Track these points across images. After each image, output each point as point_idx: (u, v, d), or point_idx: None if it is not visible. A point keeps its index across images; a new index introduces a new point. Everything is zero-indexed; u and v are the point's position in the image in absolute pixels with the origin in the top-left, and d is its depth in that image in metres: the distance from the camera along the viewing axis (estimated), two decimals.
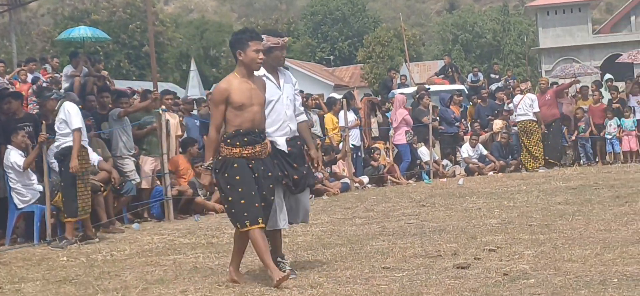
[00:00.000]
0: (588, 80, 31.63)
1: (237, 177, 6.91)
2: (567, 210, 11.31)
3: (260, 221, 6.90)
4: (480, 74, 31.79)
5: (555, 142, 21.49)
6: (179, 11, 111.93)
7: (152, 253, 9.51)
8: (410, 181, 19.21)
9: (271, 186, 7.11)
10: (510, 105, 22.16)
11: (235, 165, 6.94)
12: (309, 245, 9.40)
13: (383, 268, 7.37)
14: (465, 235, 9.40)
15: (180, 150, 15.43)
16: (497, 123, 22.31)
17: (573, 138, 22.45)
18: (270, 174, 7.09)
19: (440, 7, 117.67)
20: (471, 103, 24.80)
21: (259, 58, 7.05)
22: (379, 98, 23.03)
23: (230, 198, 6.95)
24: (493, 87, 27.65)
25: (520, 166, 21.11)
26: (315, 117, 20.00)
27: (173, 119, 15.29)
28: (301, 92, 21.12)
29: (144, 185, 14.08)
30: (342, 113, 19.57)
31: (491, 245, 8.43)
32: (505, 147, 21.75)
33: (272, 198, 7.14)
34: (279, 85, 7.52)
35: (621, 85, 27.09)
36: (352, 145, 19.55)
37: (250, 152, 6.99)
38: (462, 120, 23.16)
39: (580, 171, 19.64)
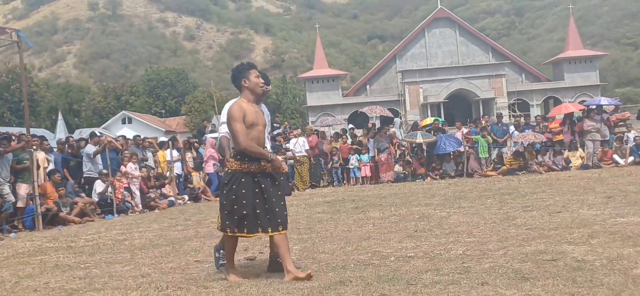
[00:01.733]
0: (338, 128, 32.58)
1: (244, 191, 5.80)
2: (323, 217, 11.48)
3: (245, 231, 5.83)
4: None
5: (316, 170, 22.02)
6: (49, 76, 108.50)
7: (24, 255, 8.93)
8: (218, 199, 19.03)
9: (279, 193, 5.99)
10: (288, 145, 22.47)
11: (243, 180, 5.83)
12: (143, 246, 9.12)
13: (195, 261, 7.26)
14: None
15: (47, 178, 14.75)
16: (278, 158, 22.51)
17: (329, 167, 23.04)
18: (277, 184, 5.98)
19: None
20: None
21: (261, 82, 6.03)
22: (196, 140, 22.83)
23: (235, 206, 5.82)
24: (275, 132, 27.94)
25: (294, 186, 21.40)
26: (150, 154, 19.57)
27: (41, 156, 14.72)
28: (149, 138, 20.74)
29: (20, 204, 13.35)
30: (168, 151, 19.55)
31: None
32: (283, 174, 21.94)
33: (282, 203, 6.02)
34: None
35: (361, 132, 28.07)
36: (176, 173, 19.38)
37: (256, 167, 5.88)
38: None
39: (333, 190, 20.11)
